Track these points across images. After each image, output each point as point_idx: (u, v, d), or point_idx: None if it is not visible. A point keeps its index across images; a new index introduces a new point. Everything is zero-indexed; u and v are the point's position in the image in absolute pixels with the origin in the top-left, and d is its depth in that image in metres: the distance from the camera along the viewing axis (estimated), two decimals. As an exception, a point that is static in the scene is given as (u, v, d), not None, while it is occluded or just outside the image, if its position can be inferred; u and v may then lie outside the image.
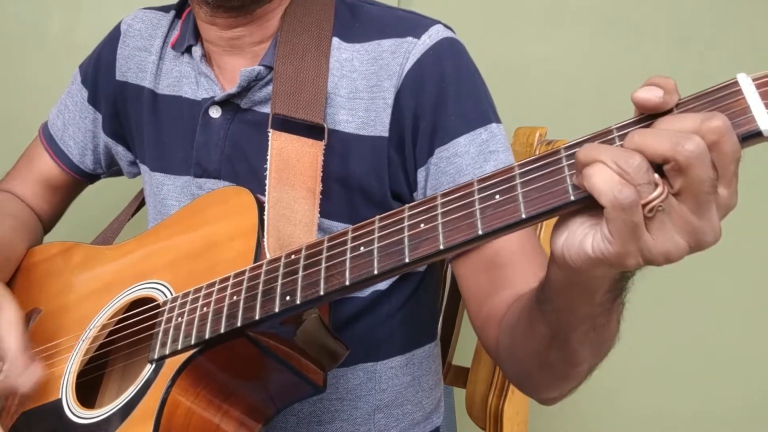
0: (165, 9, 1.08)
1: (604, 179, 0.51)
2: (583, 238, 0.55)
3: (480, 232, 0.57)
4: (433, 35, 0.92)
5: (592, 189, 0.52)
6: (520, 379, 0.83)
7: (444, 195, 0.61)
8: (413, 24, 0.93)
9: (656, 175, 0.51)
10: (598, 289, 0.60)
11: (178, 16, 1.05)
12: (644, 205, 0.51)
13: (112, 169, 1.18)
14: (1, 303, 0.86)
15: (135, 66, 1.05)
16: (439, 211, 0.61)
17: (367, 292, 0.97)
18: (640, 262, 0.54)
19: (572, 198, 0.54)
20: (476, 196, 0.59)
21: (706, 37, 1.45)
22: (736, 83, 0.51)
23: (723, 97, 0.52)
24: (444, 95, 0.90)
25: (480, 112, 0.92)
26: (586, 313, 0.63)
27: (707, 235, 0.52)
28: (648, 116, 0.55)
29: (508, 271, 0.85)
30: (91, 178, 1.19)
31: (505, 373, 0.85)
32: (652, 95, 0.53)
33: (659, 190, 0.51)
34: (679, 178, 0.51)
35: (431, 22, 0.94)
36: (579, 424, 1.56)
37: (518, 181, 0.57)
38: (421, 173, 0.92)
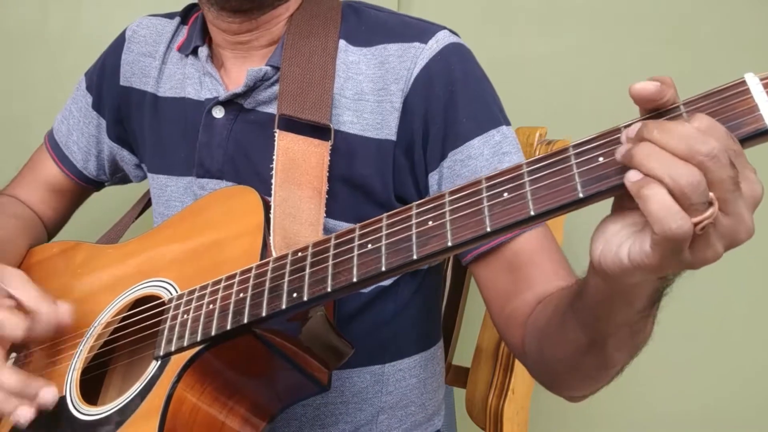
0: (170, 16, 1.08)
1: (662, 205, 0.50)
2: (619, 247, 0.55)
3: (488, 229, 0.58)
4: (440, 40, 0.92)
5: (646, 212, 0.51)
6: (548, 380, 0.83)
7: (452, 193, 0.62)
8: (420, 29, 0.94)
9: (711, 193, 0.50)
10: (639, 297, 0.60)
11: (183, 22, 1.06)
12: (695, 223, 0.50)
13: (116, 176, 1.18)
14: (3, 268, 0.86)
15: (139, 71, 1.06)
16: (447, 208, 0.61)
17: (369, 287, 0.96)
18: (677, 271, 0.54)
19: (581, 196, 0.55)
20: (484, 194, 0.59)
21: (707, 37, 1.45)
22: (743, 83, 0.52)
23: (730, 97, 0.52)
24: (454, 99, 0.90)
25: (491, 114, 0.92)
26: (624, 321, 0.63)
27: (740, 233, 0.52)
28: (653, 116, 0.55)
29: (528, 272, 0.85)
30: (96, 184, 1.19)
31: (531, 374, 0.85)
32: (648, 84, 0.54)
33: (713, 208, 0.50)
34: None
35: (438, 28, 0.94)
36: (579, 424, 1.57)
37: (527, 179, 0.57)
38: (433, 177, 0.92)
